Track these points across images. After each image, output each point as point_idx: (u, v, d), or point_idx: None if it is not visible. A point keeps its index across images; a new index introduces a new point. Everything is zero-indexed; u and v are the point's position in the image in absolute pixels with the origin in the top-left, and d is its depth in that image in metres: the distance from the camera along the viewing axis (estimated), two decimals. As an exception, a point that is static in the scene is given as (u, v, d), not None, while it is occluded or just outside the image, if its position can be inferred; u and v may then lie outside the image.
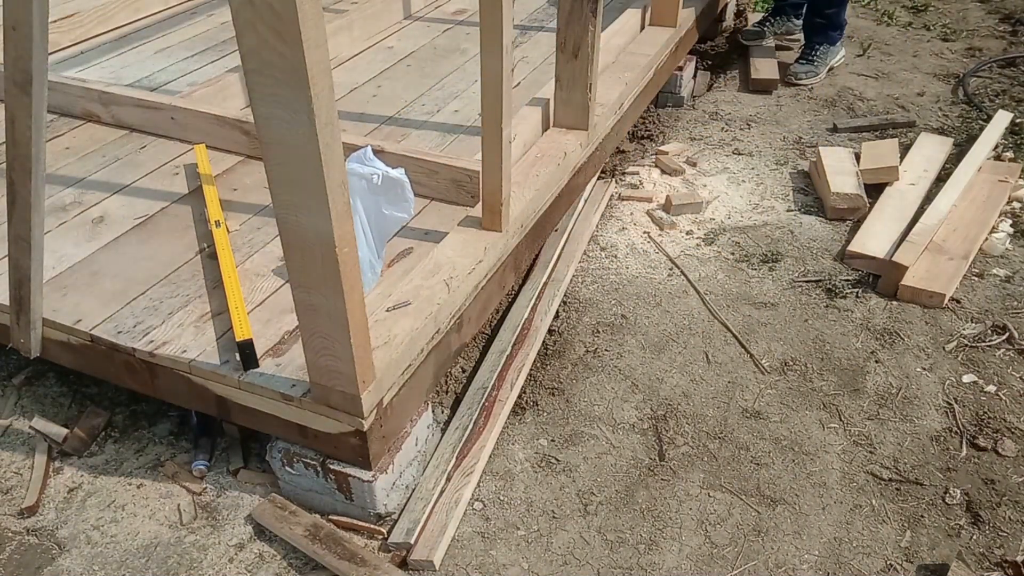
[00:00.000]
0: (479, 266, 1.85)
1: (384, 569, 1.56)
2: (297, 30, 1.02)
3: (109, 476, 1.81)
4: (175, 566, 1.62)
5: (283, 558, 1.63)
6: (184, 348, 1.65)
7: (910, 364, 2.06)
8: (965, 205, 2.55)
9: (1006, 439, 1.84)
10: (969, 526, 1.67)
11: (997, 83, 3.46)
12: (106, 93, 2.48)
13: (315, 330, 1.40)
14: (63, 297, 1.80)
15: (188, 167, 2.29)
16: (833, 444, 1.85)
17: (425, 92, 2.76)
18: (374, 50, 3.11)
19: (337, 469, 1.61)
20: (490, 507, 1.73)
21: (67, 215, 2.09)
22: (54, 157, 2.31)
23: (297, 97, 1.09)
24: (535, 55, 3.04)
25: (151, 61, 2.98)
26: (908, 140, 3.00)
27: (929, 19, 4.16)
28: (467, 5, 3.46)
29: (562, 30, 2.19)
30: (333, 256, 1.25)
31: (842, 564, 1.60)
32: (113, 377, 1.79)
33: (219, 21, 3.32)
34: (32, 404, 1.98)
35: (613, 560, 1.62)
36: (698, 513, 1.71)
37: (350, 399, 1.47)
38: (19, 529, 1.70)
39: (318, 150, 1.13)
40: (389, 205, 1.79)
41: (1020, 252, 2.44)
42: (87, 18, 3.07)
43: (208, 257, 1.92)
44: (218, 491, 1.76)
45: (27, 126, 1.46)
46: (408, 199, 1.80)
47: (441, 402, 1.94)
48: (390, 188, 1.76)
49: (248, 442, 1.86)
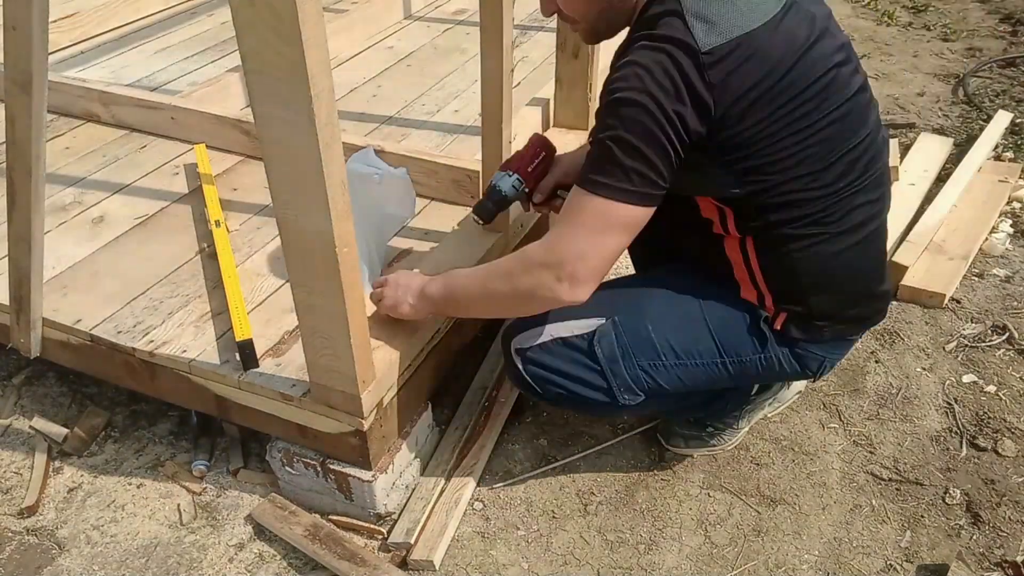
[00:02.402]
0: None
1: (384, 569, 1.56)
2: (297, 30, 1.02)
3: (109, 476, 1.81)
4: (175, 566, 1.62)
5: (283, 558, 1.63)
6: (184, 348, 1.65)
7: (910, 364, 2.06)
8: (965, 205, 2.55)
9: (1006, 439, 1.84)
10: (969, 526, 1.67)
11: (997, 83, 3.46)
12: (106, 93, 2.48)
13: (315, 330, 1.40)
14: (63, 297, 1.80)
15: (188, 167, 2.29)
16: (833, 444, 1.85)
17: (425, 92, 2.76)
18: (374, 50, 3.11)
19: (337, 469, 1.61)
20: (490, 507, 1.73)
21: (67, 215, 2.09)
22: (54, 157, 2.30)
23: (297, 97, 1.09)
24: (535, 55, 3.04)
25: (151, 61, 2.98)
26: (908, 140, 3.00)
27: (929, 19, 4.16)
28: (467, 5, 3.46)
29: (562, 30, 2.19)
30: (333, 256, 1.25)
31: (842, 564, 1.60)
32: (113, 377, 1.79)
33: (219, 21, 3.32)
34: (32, 404, 1.98)
35: (613, 560, 1.62)
36: (698, 513, 1.71)
37: (350, 399, 1.47)
38: (19, 529, 1.70)
39: (318, 150, 1.13)
40: (390, 205, 1.79)
41: (1020, 252, 2.44)
42: (87, 18, 3.07)
43: (208, 257, 1.92)
44: (218, 491, 1.76)
45: (27, 126, 1.46)
46: (410, 199, 1.80)
47: (441, 402, 1.94)
48: (392, 188, 1.76)
49: (248, 442, 1.86)
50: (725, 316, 1.50)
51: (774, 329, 1.49)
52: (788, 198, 1.36)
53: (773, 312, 1.48)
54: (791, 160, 1.33)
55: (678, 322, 1.50)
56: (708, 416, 1.77)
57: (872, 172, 1.42)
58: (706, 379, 1.54)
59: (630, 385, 1.52)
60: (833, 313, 1.49)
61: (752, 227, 1.41)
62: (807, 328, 1.49)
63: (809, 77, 1.30)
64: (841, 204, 1.39)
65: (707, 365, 1.51)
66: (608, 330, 1.50)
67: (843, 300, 1.48)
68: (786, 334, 1.49)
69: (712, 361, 1.51)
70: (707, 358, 1.51)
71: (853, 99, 1.36)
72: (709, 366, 1.52)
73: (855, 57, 1.41)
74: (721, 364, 1.52)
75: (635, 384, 1.52)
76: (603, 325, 1.50)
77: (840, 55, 1.35)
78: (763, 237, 1.41)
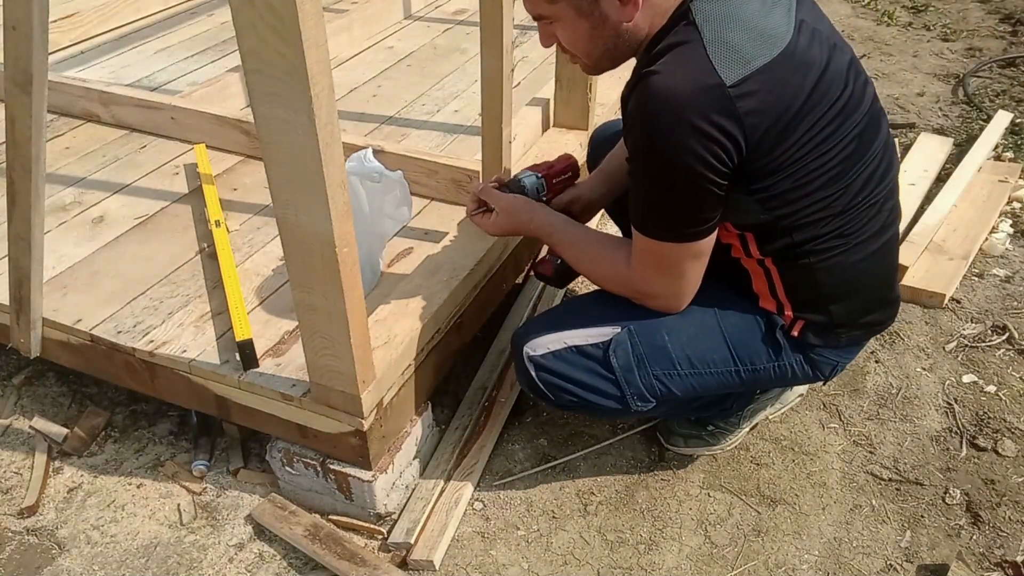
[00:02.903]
0: (479, 266, 1.85)
1: (384, 569, 1.56)
2: (297, 30, 1.02)
3: (109, 476, 1.81)
4: (175, 566, 1.62)
5: (283, 558, 1.63)
6: (184, 348, 1.65)
7: (910, 364, 2.06)
8: (965, 205, 2.55)
9: (1006, 439, 1.84)
10: (969, 526, 1.67)
11: (997, 83, 3.46)
12: (106, 93, 2.48)
13: (315, 330, 1.40)
14: (63, 297, 1.80)
15: (188, 167, 2.29)
16: (833, 444, 1.85)
17: (425, 92, 2.76)
18: (374, 50, 3.11)
19: (337, 469, 1.61)
20: (490, 507, 1.73)
21: (67, 215, 2.09)
22: (54, 157, 2.31)
23: (297, 97, 1.09)
24: (535, 55, 3.04)
25: (151, 61, 2.98)
26: (908, 140, 3.00)
27: (929, 19, 4.16)
28: (467, 5, 3.46)
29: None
30: (333, 256, 1.25)
31: (842, 564, 1.60)
32: (113, 377, 1.79)
33: (219, 21, 3.32)
34: (32, 404, 1.98)
35: (613, 560, 1.62)
36: (698, 513, 1.71)
37: (350, 399, 1.47)
38: (19, 529, 1.70)
39: (318, 150, 1.13)
40: (388, 207, 1.79)
41: (1020, 252, 2.44)
42: (87, 18, 3.07)
43: (208, 257, 1.92)
44: (218, 491, 1.76)
45: (27, 126, 1.46)
46: (406, 202, 1.80)
47: (441, 402, 1.94)
48: (389, 190, 1.76)
49: (248, 442, 1.86)
50: (741, 325, 1.50)
51: (791, 336, 1.50)
52: (812, 217, 1.37)
53: (791, 320, 1.49)
54: (816, 182, 1.33)
55: (694, 331, 1.50)
56: (711, 416, 1.77)
57: (888, 181, 1.43)
58: (718, 386, 1.54)
59: (643, 393, 1.52)
60: (852, 320, 1.50)
61: (775, 248, 1.41)
62: (825, 335, 1.50)
63: (830, 98, 1.31)
64: (861, 215, 1.40)
65: (721, 374, 1.52)
66: (623, 339, 1.49)
67: (862, 307, 1.50)
68: (803, 340, 1.50)
69: (726, 370, 1.52)
70: (721, 367, 1.51)
71: (869, 112, 1.37)
72: (723, 374, 1.52)
73: (862, 67, 1.41)
74: (735, 372, 1.52)
75: (648, 392, 1.52)
76: (618, 334, 1.49)
77: (852, 70, 1.36)
78: (785, 255, 1.42)
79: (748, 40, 1.25)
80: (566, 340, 1.53)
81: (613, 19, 1.32)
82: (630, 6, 1.30)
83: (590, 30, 1.35)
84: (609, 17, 1.32)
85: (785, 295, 1.47)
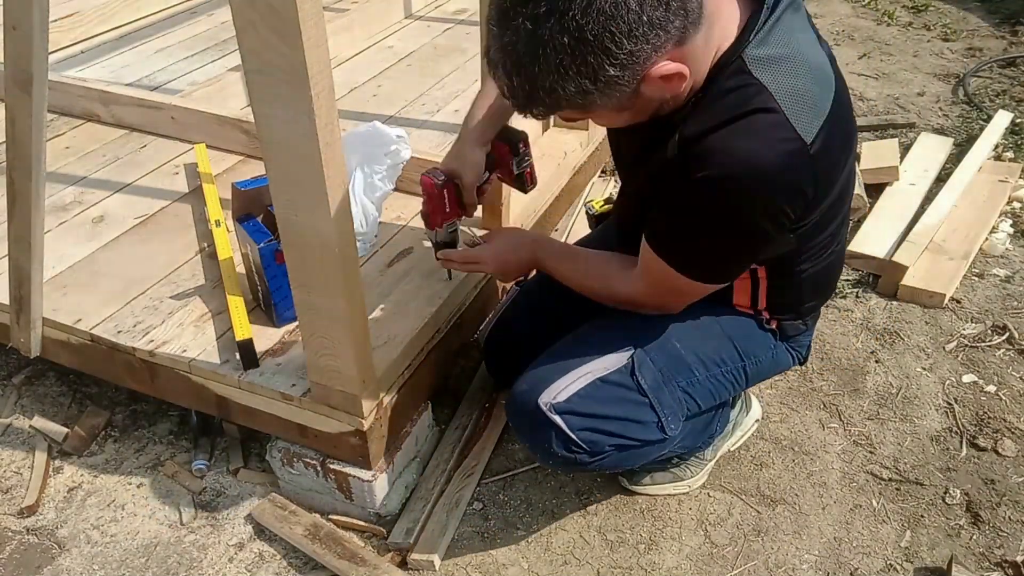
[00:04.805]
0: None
1: (384, 569, 1.56)
2: (297, 30, 1.02)
3: (109, 475, 1.81)
4: (175, 566, 1.62)
5: (283, 558, 1.63)
6: (184, 348, 1.65)
7: (910, 364, 2.06)
8: (965, 205, 2.55)
9: (1006, 439, 1.84)
10: (969, 526, 1.67)
11: (997, 83, 3.46)
12: (106, 92, 2.48)
13: (315, 330, 1.40)
14: (63, 296, 1.80)
15: (188, 166, 2.29)
16: (833, 444, 1.85)
17: (425, 92, 2.76)
18: (374, 50, 3.11)
19: (337, 469, 1.61)
20: (490, 507, 1.73)
21: (67, 214, 2.09)
22: (54, 157, 2.31)
23: (297, 97, 1.09)
24: (535, 55, 3.03)
25: (151, 60, 2.98)
26: (908, 140, 3.00)
27: (929, 19, 4.16)
28: (467, 5, 3.46)
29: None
30: (333, 256, 1.25)
31: (842, 564, 1.60)
32: (113, 377, 1.79)
33: (219, 21, 3.32)
34: (32, 403, 1.98)
35: (613, 560, 1.62)
36: (698, 513, 1.71)
37: (350, 399, 1.47)
38: (19, 528, 1.70)
39: (318, 150, 1.13)
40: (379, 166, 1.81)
41: (1020, 252, 2.44)
42: (87, 18, 3.07)
43: (208, 257, 1.92)
44: (218, 491, 1.76)
45: (27, 126, 1.46)
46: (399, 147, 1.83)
47: (441, 402, 1.93)
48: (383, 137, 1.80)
49: (248, 442, 1.86)
50: (736, 323, 1.52)
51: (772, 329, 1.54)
52: (819, 240, 1.38)
53: (767, 319, 1.53)
54: (835, 208, 1.35)
55: (701, 334, 1.49)
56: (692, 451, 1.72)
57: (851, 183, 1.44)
58: (730, 387, 1.55)
59: (675, 410, 1.47)
60: (815, 308, 1.57)
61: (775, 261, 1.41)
62: (795, 326, 1.55)
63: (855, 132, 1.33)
64: (844, 227, 1.44)
65: (731, 372, 1.53)
66: (642, 358, 1.44)
67: (825, 297, 1.58)
68: (781, 332, 1.55)
69: (736, 366, 1.53)
70: (732, 364, 1.52)
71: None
72: (733, 372, 1.53)
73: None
74: (743, 368, 1.53)
75: (678, 409, 1.48)
76: (635, 354, 1.44)
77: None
78: (779, 271, 1.44)
79: (813, 82, 1.18)
80: (585, 375, 1.42)
81: (657, 99, 1.17)
82: (675, 80, 1.12)
83: (632, 116, 1.22)
84: (653, 99, 1.17)
85: (766, 301, 1.49)
